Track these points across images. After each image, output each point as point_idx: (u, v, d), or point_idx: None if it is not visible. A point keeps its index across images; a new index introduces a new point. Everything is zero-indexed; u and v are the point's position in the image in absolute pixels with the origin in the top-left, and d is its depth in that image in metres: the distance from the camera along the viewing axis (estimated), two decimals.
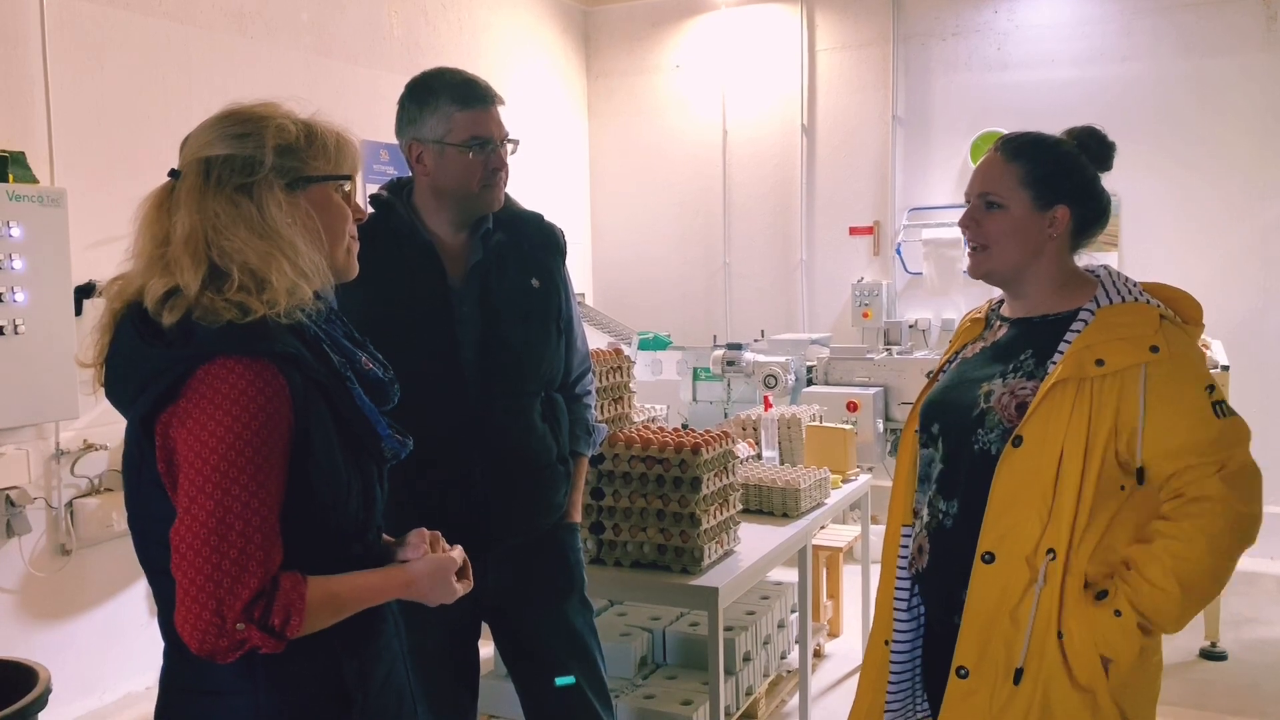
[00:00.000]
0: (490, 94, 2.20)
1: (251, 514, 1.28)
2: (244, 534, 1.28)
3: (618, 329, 6.49)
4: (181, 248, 1.35)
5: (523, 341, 2.24)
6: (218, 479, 1.27)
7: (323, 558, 1.39)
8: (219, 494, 1.27)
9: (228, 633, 1.27)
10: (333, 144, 1.46)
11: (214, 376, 1.30)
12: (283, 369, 1.33)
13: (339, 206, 1.47)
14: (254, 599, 1.27)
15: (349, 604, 1.40)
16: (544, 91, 6.74)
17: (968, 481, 1.80)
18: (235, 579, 1.27)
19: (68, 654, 3.65)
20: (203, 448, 1.28)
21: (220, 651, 1.28)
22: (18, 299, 3.36)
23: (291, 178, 1.41)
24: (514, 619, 2.31)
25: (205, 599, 1.26)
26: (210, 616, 1.26)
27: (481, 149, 2.17)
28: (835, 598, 4.62)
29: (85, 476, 3.78)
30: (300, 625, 1.31)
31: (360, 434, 1.44)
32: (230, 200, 1.37)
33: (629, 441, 2.82)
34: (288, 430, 1.33)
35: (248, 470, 1.28)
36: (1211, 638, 4.29)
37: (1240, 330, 5.51)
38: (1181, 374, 1.68)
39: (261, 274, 1.34)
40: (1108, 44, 5.87)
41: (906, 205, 6.42)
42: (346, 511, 1.42)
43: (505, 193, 2.36)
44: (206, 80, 4.24)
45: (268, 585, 1.29)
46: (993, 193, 1.82)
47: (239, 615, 1.26)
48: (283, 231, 1.38)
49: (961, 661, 1.76)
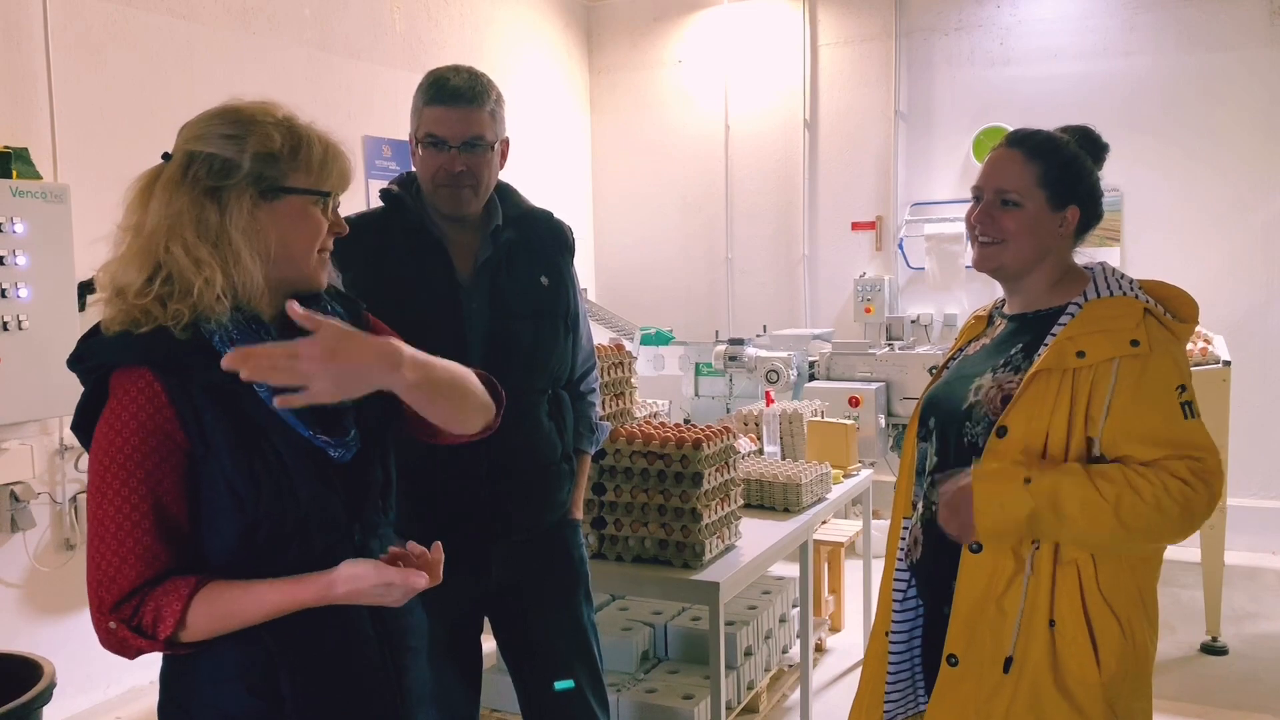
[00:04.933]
0: (462, 94, 2.11)
1: (123, 518, 1.33)
2: (116, 536, 1.32)
3: (620, 324, 6.50)
4: (145, 242, 1.38)
5: (531, 338, 2.23)
6: (97, 484, 1.34)
7: (252, 560, 1.38)
8: (98, 497, 1.34)
9: (103, 629, 1.34)
10: (318, 158, 1.43)
11: (115, 385, 1.36)
12: (161, 376, 1.34)
13: (314, 220, 1.44)
14: (123, 599, 1.32)
15: (249, 609, 1.34)
16: (546, 86, 6.74)
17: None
18: (110, 579, 1.33)
19: (72, 648, 3.65)
20: (91, 454, 1.37)
21: (111, 647, 1.34)
22: (21, 295, 3.37)
23: (266, 186, 1.40)
24: (517, 615, 2.32)
25: (90, 595, 1.34)
26: (94, 614, 1.34)
27: (435, 148, 2.13)
28: (837, 592, 4.63)
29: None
30: (172, 628, 1.31)
31: (268, 434, 1.39)
32: (197, 201, 1.37)
33: (630, 437, 2.83)
34: (172, 436, 1.34)
35: (119, 476, 1.33)
36: (1212, 632, 4.29)
37: (1243, 326, 5.51)
38: (1153, 370, 1.68)
39: (185, 283, 1.35)
40: (1110, 39, 5.87)
41: (909, 200, 6.42)
42: (273, 514, 1.38)
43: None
44: (209, 76, 4.25)
45: (141, 586, 1.33)
46: (1010, 190, 1.81)
47: (109, 614, 1.33)
48: (234, 241, 1.37)
49: (951, 649, 1.78)
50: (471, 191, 2.16)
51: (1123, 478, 1.64)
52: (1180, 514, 1.64)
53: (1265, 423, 5.52)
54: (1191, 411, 1.68)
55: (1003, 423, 1.73)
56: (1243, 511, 5.21)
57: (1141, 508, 1.62)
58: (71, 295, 3.52)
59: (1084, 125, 1.89)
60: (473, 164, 2.13)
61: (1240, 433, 4.54)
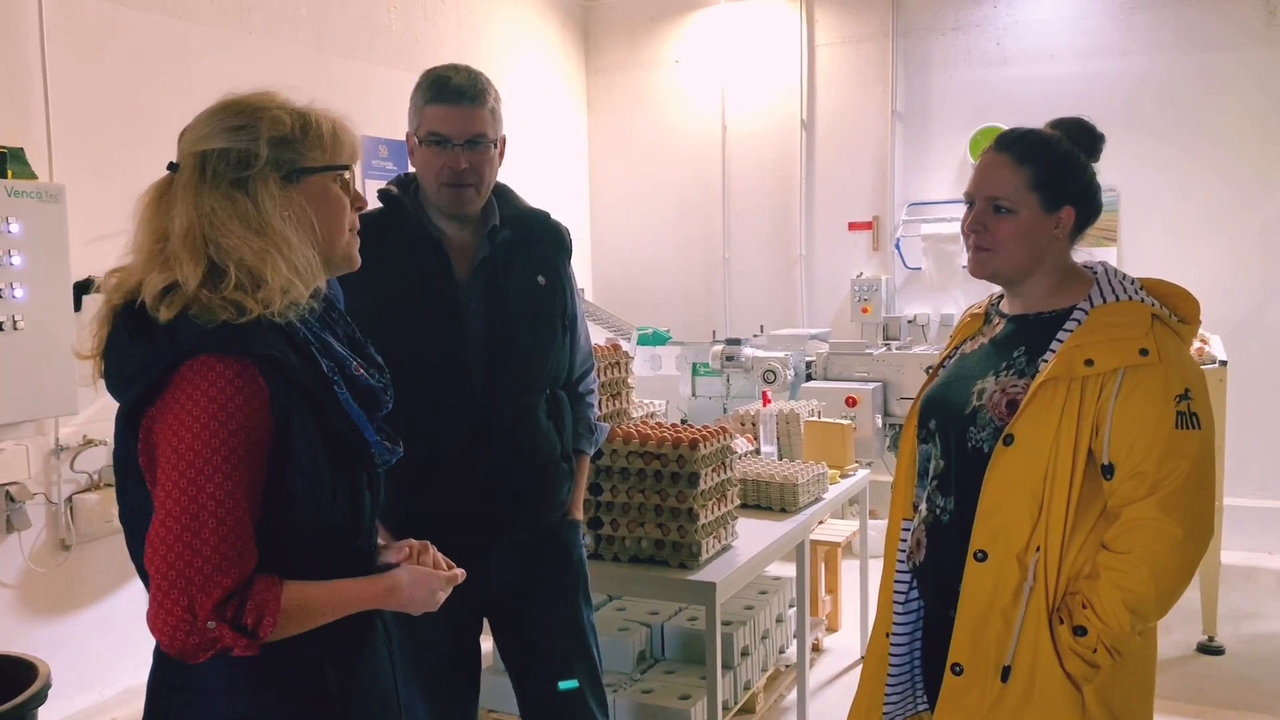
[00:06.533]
0: (464, 92, 2.13)
1: (225, 513, 1.28)
2: (217, 532, 1.27)
3: (617, 324, 6.49)
4: (181, 244, 1.35)
5: (529, 338, 2.24)
6: (192, 475, 1.27)
7: (305, 562, 1.38)
8: (193, 490, 1.27)
9: (198, 630, 1.26)
10: (329, 133, 1.45)
11: (196, 374, 1.30)
12: (264, 371, 1.32)
13: (337, 197, 1.46)
14: (227, 597, 1.27)
15: (325, 610, 1.38)
16: (543, 86, 6.73)
17: (962, 479, 1.80)
18: (208, 577, 1.26)
19: (68, 649, 3.65)
20: (179, 443, 1.28)
21: (190, 650, 1.27)
22: (17, 295, 3.36)
23: (287, 170, 1.40)
24: (517, 615, 2.32)
25: (177, 595, 1.26)
26: (181, 613, 1.25)
27: (438, 146, 2.14)
28: (834, 592, 4.63)
29: (85, 472, 3.79)
30: (274, 627, 1.30)
31: (347, 440, 1.43)
32: (226, 195, 1.36)
33: (627, 437, 2.82)
34: (265, 432, 1.32)
35: (222, 469, 1.28)
36: (1209, 632, 4.29)
37: (1241, 326, 5.52)
38: (1155, 381, 1.66)
39: (257, 272, 1.34)
40: (1108, 38, 5.87)
41: (906, 200, 6.42)
42: (331, 516, 1.40)
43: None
44: (206, 75, 4.24)
45: (241, 585, 1.28)
46: (1002, 197, 1.78)
47: (210, 613, 1.26)
48: (277, 227, 1.37)
49: (956, 659, 1.77)
50: (475, 190, 2.18)
51: (1113, 585, 1.64)
52: (1174, 555, 1.64)
53: (1262, 423, 5.52)
54: (1188, 421, 1.66)
55: (1010, 431, 1.72)
56: (1239, 511, 5.21)
57: (1151, 589, 1.64)
58: (67, 295, 3.51)
59: (1077, 117, 1.85)
60: (475, 162, 2.15)
61: (1237, 433, 4.54)
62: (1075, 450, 1.68)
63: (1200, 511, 1.67)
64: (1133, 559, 1.64)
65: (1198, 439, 1.66)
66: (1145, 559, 1.64)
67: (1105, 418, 1.67)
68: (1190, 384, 1.68)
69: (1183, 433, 1.65)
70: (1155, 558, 1.64)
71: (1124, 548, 1.66)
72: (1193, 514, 1.65)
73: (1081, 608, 1.67)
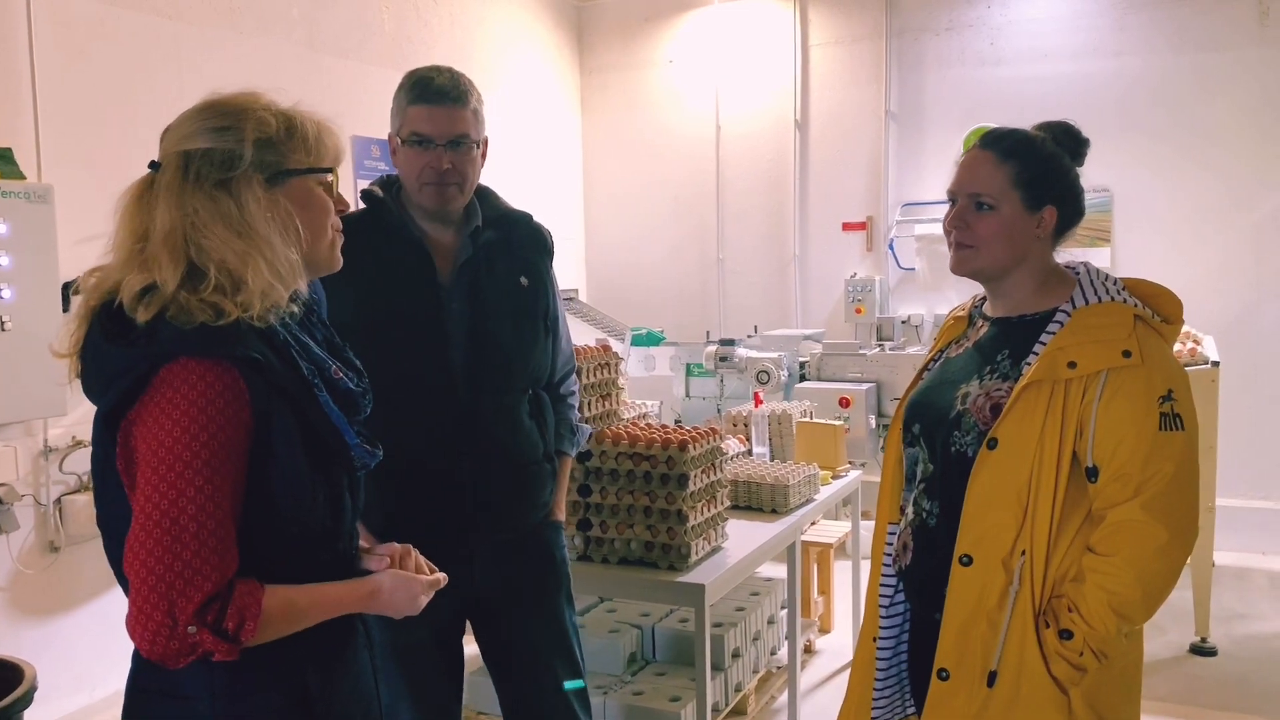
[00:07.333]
0: (447, 93, 2.14)
1: (206, 517, 1.26)
2: (198, 536, 1.25)
3: (611, 325, 6.48)
4: (160, 244, 1.33)
5: (512, 339, 2.24)
6: (173, 479, 1.26)
7: (286, 565, 1.37)
8: (174, 494, 1.25)
9: (179, 635, 1.24)
10: (313, 135, 1.44)
11: (175, 377, 1.28)
12: (245, 373, 1.31)
13: (320, 200, 1.45)
14: (207, 602, 1.25)
15: (307, 614, 1.37)
16: (537, 86, 6.72)
17: (947, 482, 1.79)
18: (188, 581, 1.24)
19: (56, 651, 3.63)
20: (159, 447, 1.27)
21: (170, 655, 1.25)
22: (4, 295, 3.34)
23: (271, 172, 1.39)
24: (499, 615, 2.31)
25: (157, 600, 1.24)
26: (162, 618, 1.24)
27: (421, 146, 2.15)
28: (826, 594, 4.62)
29: (73, 473, 3.77)
30: (255, 632, 1.29)
31: (327, 443, 1.41)
32: (209, 196, 1.35)
33: (616, 438, 2.82)
34: (246, 435, 1.31)
35: (203, 473, 1.26)
36: (1201, 633, 4.29)
37: (1234, 326, 5.51)
38: (1138, 382, 1.66)
39: (238, 274, 1.33)
40: (1101, 38, 5.87)
41: (899, 201, 6.42)
42: (312, 519, 1.40)
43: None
44: (196, 75, 4.22)
45: (222, 589, 1.27)
46: (984, 193, 1.78)
47: (191, 618, 1.24)
48: (260, 229, 1.36)
49: (942, 664, 1.76)
50: (457, 189, 2.18)
51: (1098, 588, 1.64)
52: (1159, 558, 1.63)
53: (1255, 423, 5.52)
54: (1171, 423, 1.65)
55: (994, 435, 1.71)
56: (1232, 512, 5.20)
57: (1137, 591, 1.63)
58: (56, 296, 3.50)
59: (1063, 120, 1.85)
60: (458, 162, 2.16)
61: (1229, 433, 4.53)
62: (1059, 453, 1.67)
63: (1185, 513, 1.66)
64: (1118, 562, 1.64)
65: (1181, 440, 1.65)
66: (1130, 562, 1.63)
67: (1089, 420, 1.66)
68: (1173, 385, 1.67)
69: (1166, 434, 1.65)
70: (1140, 560, 1.63)
71: (1109, 550, 1.65)
72: (1177, 516, 1.65)
73: (1067, 611, 1.66)
